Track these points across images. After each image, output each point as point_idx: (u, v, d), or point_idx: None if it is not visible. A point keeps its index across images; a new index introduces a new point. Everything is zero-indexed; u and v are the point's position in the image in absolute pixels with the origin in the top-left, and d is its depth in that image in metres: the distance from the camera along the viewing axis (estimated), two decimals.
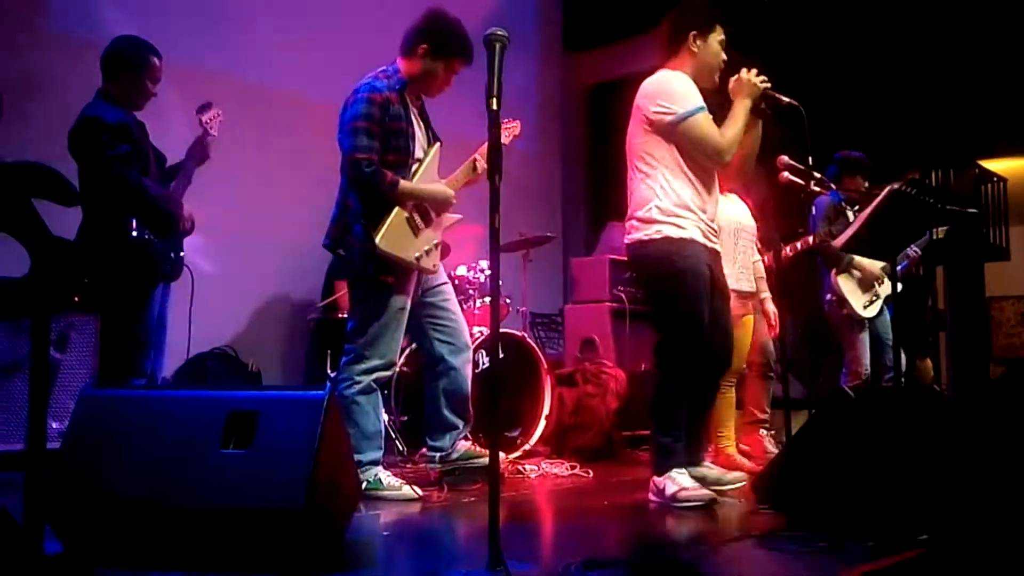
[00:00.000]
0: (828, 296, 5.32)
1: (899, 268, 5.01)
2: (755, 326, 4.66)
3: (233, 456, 2.22)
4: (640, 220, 3.43)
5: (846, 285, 5.24)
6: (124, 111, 3.78)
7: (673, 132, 3.37)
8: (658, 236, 3.36)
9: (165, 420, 2.30)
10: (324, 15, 6.23)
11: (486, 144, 3.83)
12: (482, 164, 3.81)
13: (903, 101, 7.76)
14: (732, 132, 3.38)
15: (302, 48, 6.04)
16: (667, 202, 3.37)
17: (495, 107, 2.23)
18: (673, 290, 3.35)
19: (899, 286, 5.14)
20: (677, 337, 3.36)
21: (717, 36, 3.49)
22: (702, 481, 3.47)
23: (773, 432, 5.04)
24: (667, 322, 3.42)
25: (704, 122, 3.36)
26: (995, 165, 8.34)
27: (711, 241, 3.46)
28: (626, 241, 3.52)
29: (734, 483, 3.60)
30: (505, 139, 3.95)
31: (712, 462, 3.85)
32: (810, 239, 4.78)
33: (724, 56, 3.50)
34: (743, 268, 4.44)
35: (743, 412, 4.86)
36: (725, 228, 4.21)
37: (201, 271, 4.64)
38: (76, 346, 3.86)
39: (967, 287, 7.33)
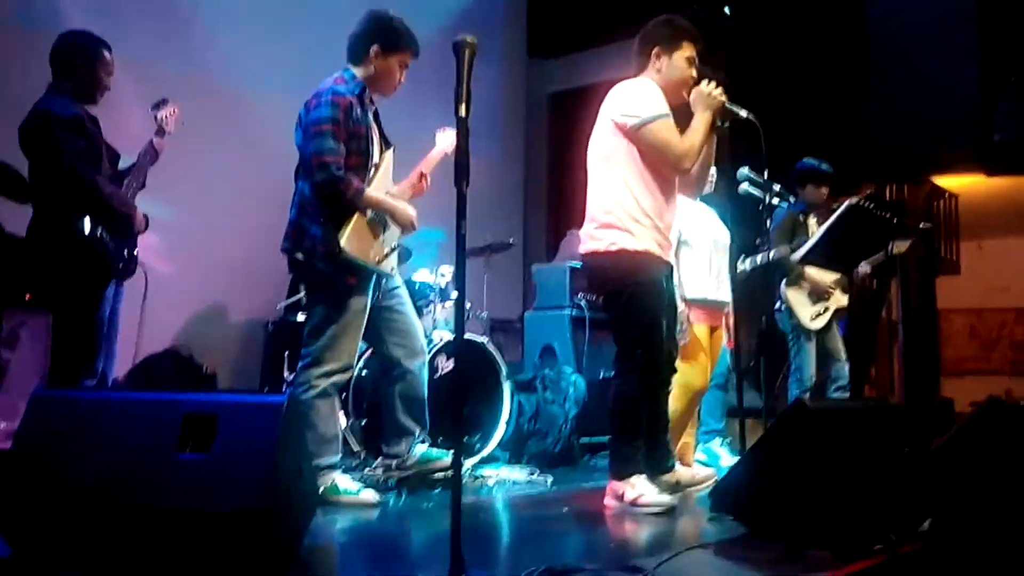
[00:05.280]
0: (778, 305, 5.40)
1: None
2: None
3: (190, 460, 2.18)
4: (599, 226, 3.44)
5: (794, 296, 5.31)
6: (78, 105, 3.71)
7: (635, 137, 3.39)
8: (614, 248, 3.38)
9: (120, 423, 2.26)
10: (284, 14, 6.17)
11: (430, 154, 3.91)
12: (427, 179, 3.85)
13: (859, 116, 7.91)
14: (692, 140, 3.40)
15: (261, 47, 5.98)
16: (627, 207, 3.38)
17: (463, 114, 2.22)
18: (632, 304, 3.39)
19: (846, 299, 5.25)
20: (638, 349, 3.39)
21: (684, 53, 3.51)
22: (675, 486, 3.52)
23: (730, 440, 5.08)
24: (627, 334, 3.44)
25: (665, 128, 3.38)
26: (947, 182, 8.53)
27: (665, 253, 3.50)
28: (581, 251, 3.54)
29: (707, 480, 3.67)
30: (448, 147, 3.93)
31: None
32: (771, 254, 4.83)
33: (693, 73, 3.52)
34: (719, 278, 4.42)
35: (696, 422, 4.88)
36: (702, 238, 4.22)
37: (156, 271, 4.56)
38: (26, 345, 3.78)
39: (919, 300, 7.48)
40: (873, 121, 7.95)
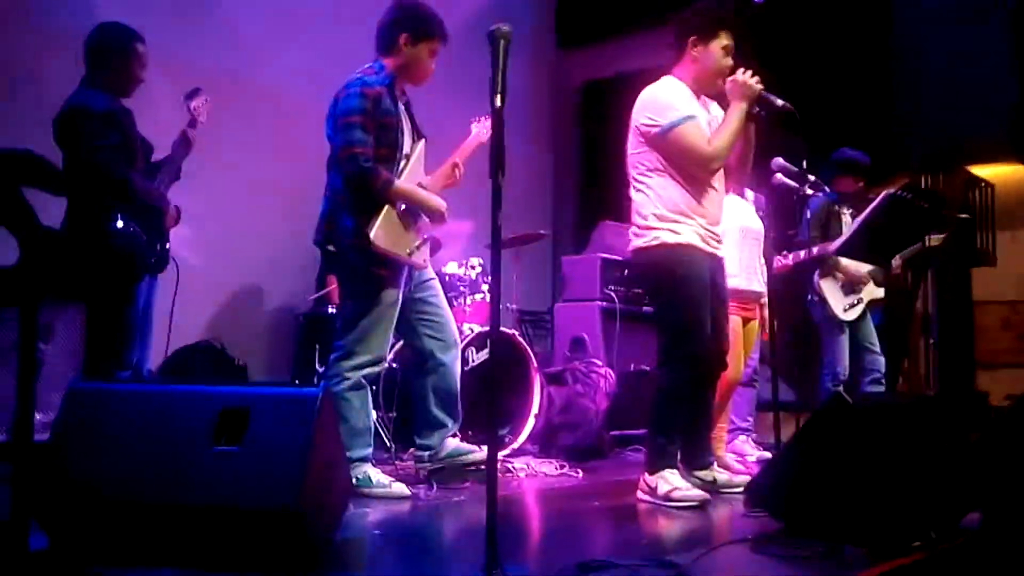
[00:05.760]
0: (811, 296, 5.34)
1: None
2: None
3: (224, 453, 2.19)
4: (640, 228, 3.47)
5: (828, 287, 5.25)
6: (111, 99, 3.72)
7: (661, 143, 3.38)
8: (656, 243, 3.40)
9: (156, 416, 2.26)
10: (314, 8, 6.17)
11: (463, 146, 3.90)
12: (461, 169, 3.83)
13: (891, 104, 7.79)
14: (723, 138, 3.38)
15: (292, 40, 5.98)
16: (663, 208, 3.40)
17: (499, 104, 2.19)
18: (675, 296, 3.38)
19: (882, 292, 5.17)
20: (680, 343, 3.37)
21: (720, 42, 3.46)
22: (711, 484, 3.48)
23: (755, 436, 5.05)
24: (670, 327, 3.44)
25: (690, 132, 3.36)
26: (983, 171, 8.38)
27: (711, 246, 3.47)
28: (629, 249, 3.57)
29: (744, 485, 3.60)
30: (483, 137, 3.95)
31: None
32: (814, 249, 4.77)
33: (729, 62, 3.47)
34: (749, 269, 4.38)
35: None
36: (730, 229, 4.19)
37: (187, 263, 4.58)
38: (61, 337, 3.80)
39: (954, 292, 7.35)
40: (906, 109, 7.83)
